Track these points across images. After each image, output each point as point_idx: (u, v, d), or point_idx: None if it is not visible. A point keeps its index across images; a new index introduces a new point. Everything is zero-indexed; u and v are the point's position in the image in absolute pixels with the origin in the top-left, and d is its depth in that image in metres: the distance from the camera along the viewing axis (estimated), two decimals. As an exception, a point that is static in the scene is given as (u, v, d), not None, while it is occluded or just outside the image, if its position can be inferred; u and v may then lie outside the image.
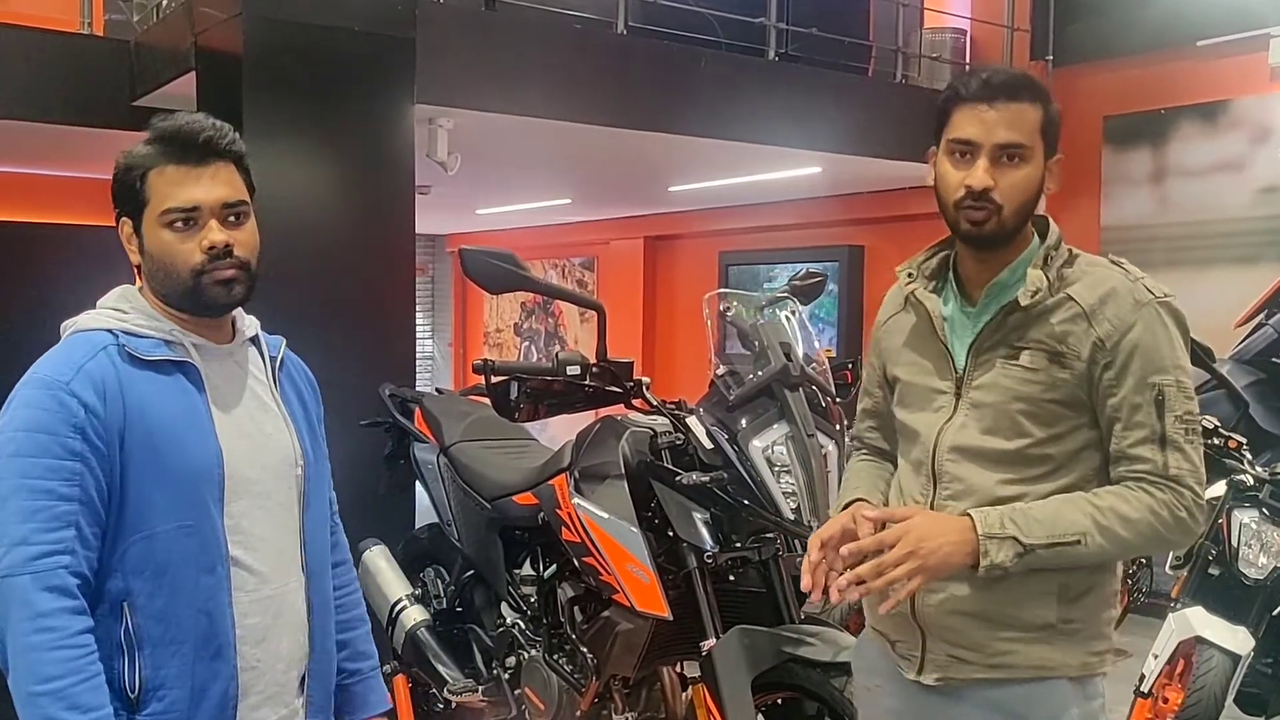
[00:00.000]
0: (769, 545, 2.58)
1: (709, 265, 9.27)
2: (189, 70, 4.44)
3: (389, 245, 4.37)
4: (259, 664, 1.76)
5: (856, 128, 6.20)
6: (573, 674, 2.78)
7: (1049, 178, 1.80)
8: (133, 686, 1.66)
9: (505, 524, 3.12)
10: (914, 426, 1.89)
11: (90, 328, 1.72)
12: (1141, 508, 1.71)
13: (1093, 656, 1.80)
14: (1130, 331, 1.73)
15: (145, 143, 1.73)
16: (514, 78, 5.02)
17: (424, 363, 12.87)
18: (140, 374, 1.68)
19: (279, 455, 1.81)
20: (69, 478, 1.60)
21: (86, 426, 1.61)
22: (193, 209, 1.70)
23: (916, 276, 1.93)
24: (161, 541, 1.65)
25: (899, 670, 1.86)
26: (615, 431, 2.71)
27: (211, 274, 1.71)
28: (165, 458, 1.65)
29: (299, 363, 1.99)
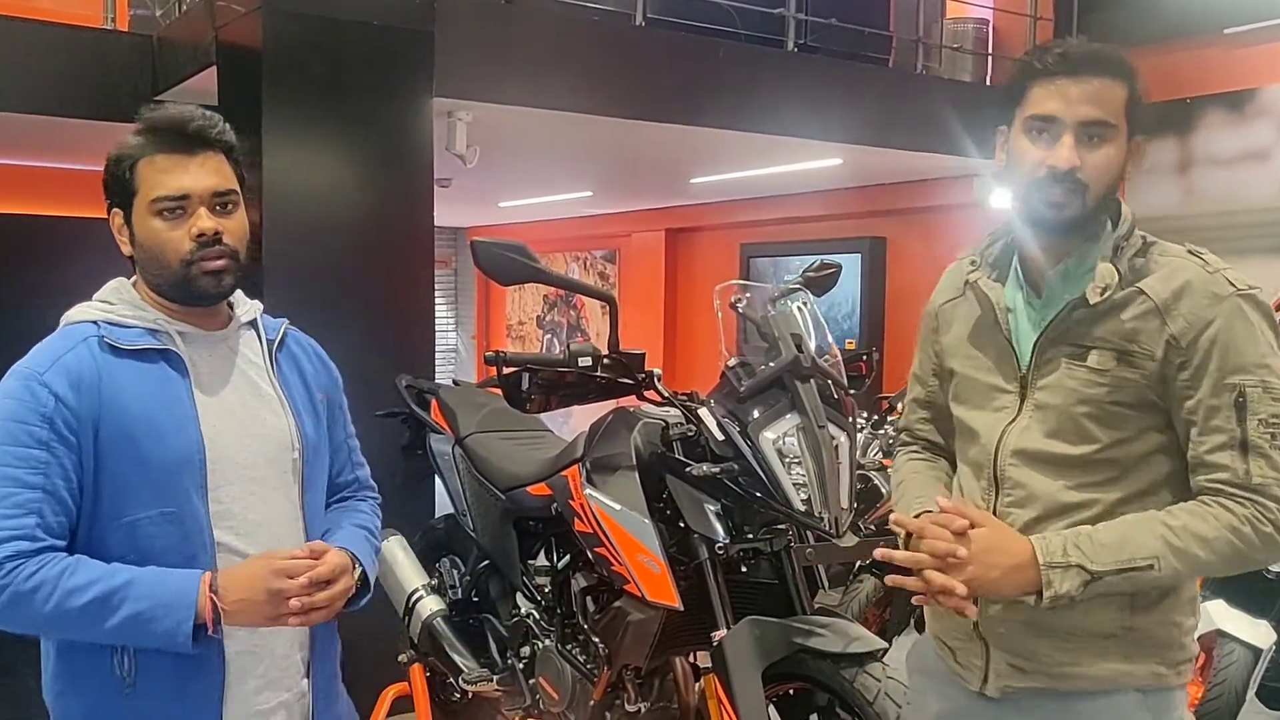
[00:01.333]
0: (781, 536, 2.57)
1: (730, 257, 9.26)
2: (210, 65, 4.47)
3: (408, 238, 4.39)
4: (257, 648, 1.78)
5: (877, 119, 6.18)
6: (585, 664, 2.80)
7: (1131, 160, 1.68)
8: (123, 670, 1.70)
9: (519, 515, 3.13)
10: (973, 425, 1.79)
11: (77, 320, 1.76)
12: (1220, 526, 1.58)
13: (1165, 668, 1.68)
14: (1208, 328, 1.59)
15: (135, 133, 1.75)
16: (532, 70, 5.03)
17: (447, 355, 12.93)
18: (120, 364, 1.70)
19: (273, 439, 1.82)
20: (35, 466, 1.62)
21: (55, 417, 1.64)
22: (182, 197, 1.72)
23: (980, 264, 1.84)
24: (142, 529, 1.67)
25: (958, 680, 1.78)
26: (627, 423, 2.71)
27: (200, 263, 1.73)
28: (142, 447, 1.67)
29: (306, 342, 1.99)
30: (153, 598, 1.62)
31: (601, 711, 2.80)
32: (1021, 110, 1.68)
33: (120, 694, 1.70)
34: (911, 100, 6.37)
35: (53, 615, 1.59)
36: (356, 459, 2.10)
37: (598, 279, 11.07)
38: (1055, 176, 1.64)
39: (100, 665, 1.70)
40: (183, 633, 1.62)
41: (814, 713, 2.46)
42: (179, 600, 1.62)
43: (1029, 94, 1.67)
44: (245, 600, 1.64)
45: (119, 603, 1.60)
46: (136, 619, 1.60)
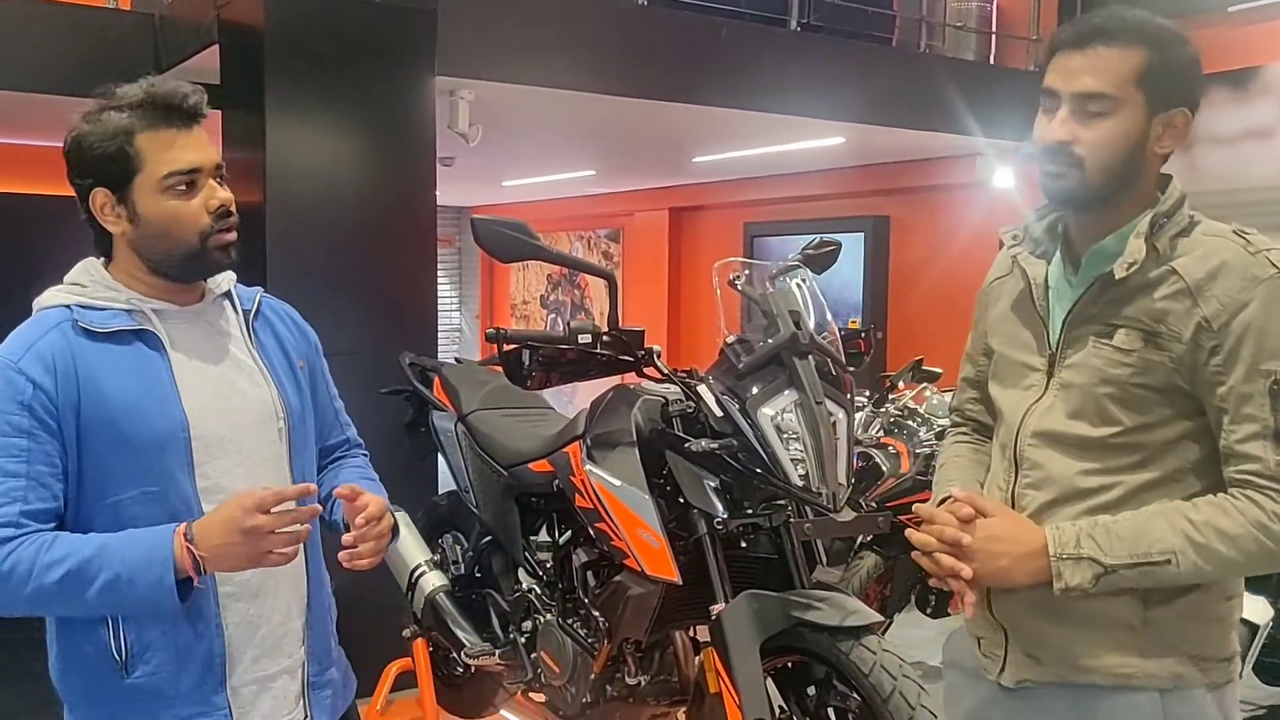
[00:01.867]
0: (779, 512, 2.59)
1: (734, 236, 9.26)
2: (212, 43, 4.48)
3: (410, 216, 4.40)
4: (254, 618, 1.79)
5: (880, 98, 6.17)
6: (586, 638, 2.82)
7: (1165, 134, 1.60)
8: (119, 651, 1.70)
9: (522, 491, 3.16)
10: (1001, 404, 1.76)
11: (49, 305, 1.74)
12: (1245, 521, 1.50)
13: (1189, 667, 1.60)
14: (1243, 311, 1.52)
15: (118, 109, 1.71)
16: (535, 49, 5.03)
17: (451, 334, 12.94)
18: (95, 347, 1.69)
19: (256, 411, 1.81)
20: (15, 454, 1.62)
21: (34, 403, 1.63)
22: (194, 170, 1.71)
23: (1023, 239, 1.77)
24: (127, 509, 1.67)
25: (983, 672, 1.74)
26: (627, 400, 2.73)
27: (217, 235, 1.73)
28: (122, 428, 1.66)
29: (281, 308, 1.98)
30: (127, 559, 1.60)
31: (602, 684, 2.83)
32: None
33: (116, 674, 1.71)
34: (915, 79, 6.36)
35: (34, 593, 1.58)
36: (343, 419, 2.10)
37: (601, 258, 11.07)
38: (1048, 150, 1.62)
39: (96, 644, 1.71)
40: (165, 586, 1.59)
41: (811, 685, 2.49)
42: (154, 555, 1.60)
43: (1046, 69, 1.66)
44: (222, 545, 1.61)
45: (96, 570, 1.59)
46: (116, 583, 1.58)
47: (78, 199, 1.76)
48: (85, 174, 1.73)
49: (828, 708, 2.46)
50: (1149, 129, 1.59)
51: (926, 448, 4.46)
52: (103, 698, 1.73)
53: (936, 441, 4.47)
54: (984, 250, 7.43)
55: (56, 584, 1.58)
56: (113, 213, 1.73)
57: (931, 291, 7.88)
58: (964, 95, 6.16)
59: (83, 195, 1.74)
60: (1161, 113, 1.59)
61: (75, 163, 1.73)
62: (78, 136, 1.72)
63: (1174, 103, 1.59)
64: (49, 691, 1.83)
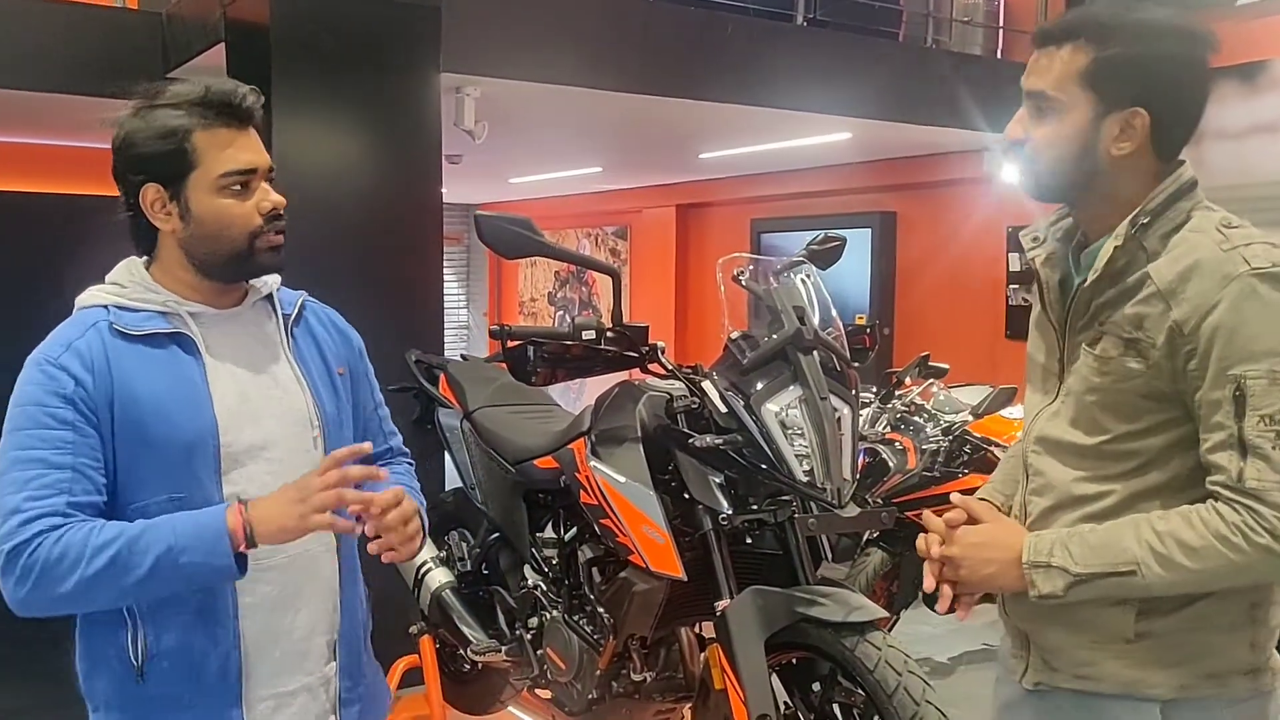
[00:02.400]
0: (785, 508, 2.59)
1: (741, 233, 9.26)
2: (219, 42, 4.49)
3: (417, 213, 4.41)
4: (273, 631, 1.75)
5: (886, 93, 6.16)
6: (592, 634, 2.83)
7: (1122, 135, 1.53)
8: (136, 656, 1.69)
9: (528, 487, 3.16)
10: (1026, 407, 1.75)
11: (88, 304, 1.74)
12: (1207, 534, 1.46)
13: (1197, 679, 1.55)
14: (1212, 312, 1.45)
15: (175, 105, 1.69)
16: (540, 45, 5.03)
17: (459, 332, 12.96)
18: (129, 349, 1.68)
19: (291, 417, 1.78)
20: (60, 446, 1.61)
21: (76, 398, 1.63)
22: (250, 171, 1.71)
23: (1044, 239, 1.72)
24: (153, 514, 1.64)
25: (1011, 671, 1.74)
26: (632, 396, 2.74)
27: (266, 237, 1.72)
28: (151, 431, 1.65)
29: (324, 313, 1.96)
30: (178, 530, 1.58)
31: (607, 681, 2.83)
32: None
33: (133, 681, 1.70)
34: (922, 74, 6.35)
35: (83, 579, 1.56)
36: (388, 428, 2.07)
37: (609, 255, 11.08)
38: (1004, 147, 1.64)
39: (116, 651, 1.70)
40: (220, 554, 1.57)
41: (816, 681, 2.49)
42: (207, 525, 1.58)
43: None
44: (272, 506, 1.60)
45: (146, 546, 1.56)
46: (168, 555, 1.56)
47: (123, 194, 1.73)
48: (137, 169, 1.70)
49: (833, 704, 2.46)
50: (1100, 130, 1.54)
51: (933, 444, 4.45)
52: (123, 702, 1.72)
53: (943, 437, 4.47)
54: (991, 246, 7.42)
55: (107, 565, 1.56)
56: (163, 210, 1.71)
57: (938, 287, 7.87)
58: (971, 90, 6.14)
59: (132, 191, 1.71)
60: (1115, 113, 1.54)
61: (127, 158, 1.71)
62: (130, 132, 1.70)
63: (1127, 102, 1.53)
64: (69, 692, 1.82)
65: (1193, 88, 1.57)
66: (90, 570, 1.55)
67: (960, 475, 4.34)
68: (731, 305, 2.71)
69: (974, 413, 4.53)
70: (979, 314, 7.55)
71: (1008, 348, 7.25)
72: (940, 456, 4.42)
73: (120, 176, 1.73)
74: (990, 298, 7.49)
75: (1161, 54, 1.53)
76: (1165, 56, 1.54)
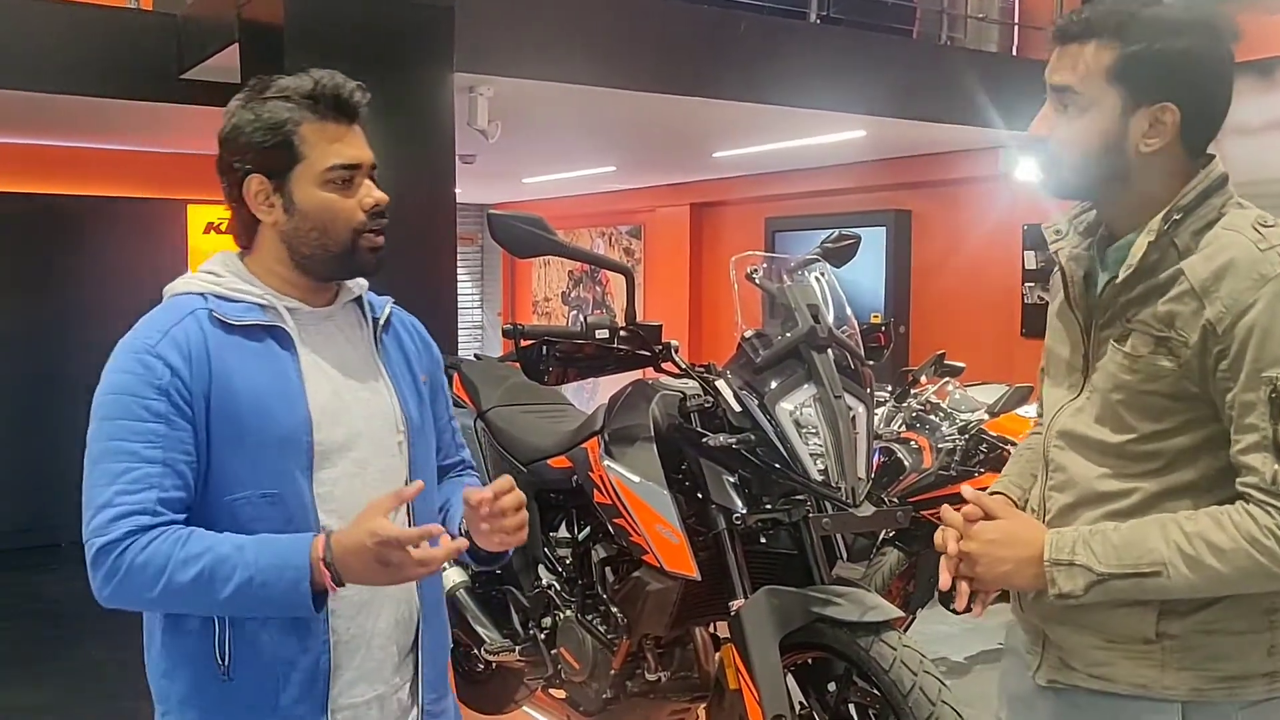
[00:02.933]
0: (799, 507, 2.58)
1: (755, 231, 9.24)
2: (233, 42, 4.50)
3: (430, 213, 4.40)
4: (354, 638, 1.73)
5: (901, 91, 6.14)
6: (606, 634, 2.82)
7: (1151, 131, 1.51)
8: (223, 656, 1.65)
9: (541, 487, 3.16)
10: (1044, 402, 1.74)
11: (184, 291, 1.70)
12: (1238, 536, 1.44)
13: (1210, 683, 1.53)
14: (1247, 313, 1.43)
15: (284, 98, 1.68)
16: (553, 44, 5.02)
17: (474, 332, 12.98)
18: (229, 339, 1.65)
19: (378, 421, 1.76)
20: (152, 440, 1.58)
21: (171, 389, 1.60)
22: (355, 166, 1.70)
23: (1067, 232, 1.69)
24: (244, 510, 1.63)
25: (1026, 665, 1.73)
26: (645, 395, 2.73)
27: (369, 235, 1.72)
28: (248, 424, 1.63)
29: (410, 321, 1.96)
30: (261, 563, 1.55)
31: (622, 681, 2.83)
32: None
33: (218, 681, 1.66)
34: (936, 71, 6.32)
35: (167, 589, 1.54)
36: (459, 440, 2.06)
37: (623, 254, 11.08)
38: (1029, 143, 1.62)
39: (202, 651, 1.66)
40: (300, 593, 1.55)
41: (831, 681, 2.48)
42: (289, 561, 1.56)
43: None
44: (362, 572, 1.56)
45: (230, 570, 1.55)
46: (249, 585, 1.54)
47: (227, 185, 1.72)
48: (243, 159, 1.69)
49: (848, 704, 2.45)
50: (1127, 126, 1.52)
51: (948, 442, 4.43)
52: (205, 703, 1.68)
53: (959, 436, 4.45)
54: (1007, 244, 7.38)
55: (190, 581, 1.54)
56: (266, 201, 1.70)
57: (954, 286, 7.83)
58: (986, 87, 6.11)
59: (237, 180, 1.70)
60: (1143, 108, 1.51)
61: (235, 148, 1.70)
62: (238, 122, 1.69)
63: (1156, 97, 1.50)
64: (85, 689, 1.80)
65: (1221, 81, 1.55)
66: (175, 584, 1.55)
67: (976, 474, 4.32)
68: (745, 304, 2.70)
69: (990, 411, 4.51)
70: (995, 312, 7.52)
71: (1023, 346, 7.21)
72: (956, 455, 4.40)
73: (225, 167, 1.72)
74: (1006, 296, 7.46)
75: (1189, 48, 1.51)
76: (1193, 50, 1.51)
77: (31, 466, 6.80)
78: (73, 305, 6.91)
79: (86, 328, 6.73)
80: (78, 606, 5.52)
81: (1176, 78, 1.51)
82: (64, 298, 6.95)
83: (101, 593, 1.58)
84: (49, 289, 6.95)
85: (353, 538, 1.56)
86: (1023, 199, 7.03)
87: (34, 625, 5.13)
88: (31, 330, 6.93)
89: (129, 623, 1.75)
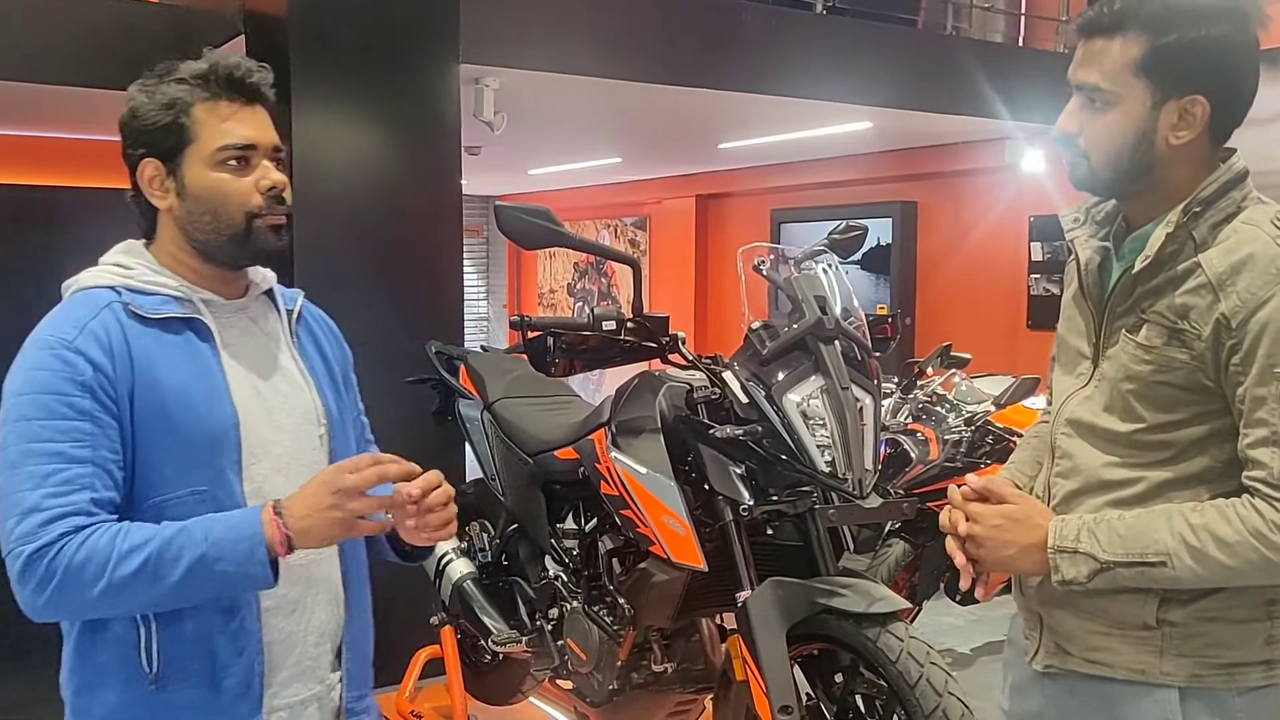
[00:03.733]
0: (805, 498, 2.57)
1: (761, 223, 9.23)
2: (238, 34, 4.50)
3: (436, 205, 4.41)
4: (289, 637, 1.69)
5: (907, 81, 6.12)
6: (612, 625, 2.82)
7: (1181, 123, 1.51)
8: (151, 663, 1.59)
9: (547, 479, 3.15)
10: (1053, 388, 1.74)
11: (92, 285, 1.64)
12: (1243, 529, 1.44)
13: (1208, 670, 1.54)
14: (1262, 308, 1.43)
15: (179, 80, 1.63)
16: (559, 35, 5.02)
17: (479, 324, 12.98)
18: (147, 332, 1.59)
19: (299, 415, 1.72)
20: (79, 439, 1.50)
21: (95, 385, 1.52)
22: (248, 146, 1.63)
23: (1084, 220, 1.70)
24: (172, 509, 1.55)
25: (1024, 653, 1.74)
26: (652, 386, 2.72)
27: (267, 217, 1.64)
28: (175, 420, 1.56)
29: (319, 314, 1.90)
30: (212, 538, 1.49)
31: (628, 672, 2.82)
32: None
33: (146, 690, 1.59)
34: (942, 62, 6.30)
35: (110, 585, 1.46)
36: (368, 435, 2.00)
37: (629, 246, 11.07)
38: (1060, 140, 1.60)
39: (125, 659, 1.59)
40: (256, 561, 1.49)
41: (838, 672, 2.48)
42: (241, 532, 1.50)
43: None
44: (313, 514, 1.51)
45: (178, 552, 1.47)
46: (201, 563, 1.48)
47: (129, 171, 1.67)
48: (138, 144, 1.64)
49: (854, 695, 2.44)
50: (1157, 119, 1.51)
51: (955, 434, 4.43)
52: (136, 713, 1.61)
53: (965, 428, 4.44)
54: (1013, 235, 7.37)
55: (135, 572, 1.46)
56: (161, 186, 1.65)
57: (960, 277, 7.82)
58: (992, 78, 6.09)
59: (132, 166, 1.65)
60: (1172, 100, 1.50)
61: (129, 133, 1.65)
62: (133, 106, 1.64)
63: (1186, 89, 1.50)
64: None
65: (1250, 71, 1.54)
66: (117, 576, 1.46)
67: (982, 466, 4.31)
68: (752, 295, 2.70)
69: (996, 403, 4.51)
70: (1001, 304, 7.51)
71: (1030, 338, 7.20)
72: (962, 447, 4.39)
73: (124, 153, 1.67)
74: (1012, 287, 7.44)
75: (1219, 38, 1.49)
76: (1222, 40, 1.50)
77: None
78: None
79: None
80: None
81: (1207, 69, 1.50)
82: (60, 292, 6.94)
83: (34, 604, 1.50)
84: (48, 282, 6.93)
85: (308, 485, 1.54)
86: (1029, 190, 7.01)
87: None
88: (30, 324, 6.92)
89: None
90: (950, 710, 2.22)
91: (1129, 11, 1.51)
